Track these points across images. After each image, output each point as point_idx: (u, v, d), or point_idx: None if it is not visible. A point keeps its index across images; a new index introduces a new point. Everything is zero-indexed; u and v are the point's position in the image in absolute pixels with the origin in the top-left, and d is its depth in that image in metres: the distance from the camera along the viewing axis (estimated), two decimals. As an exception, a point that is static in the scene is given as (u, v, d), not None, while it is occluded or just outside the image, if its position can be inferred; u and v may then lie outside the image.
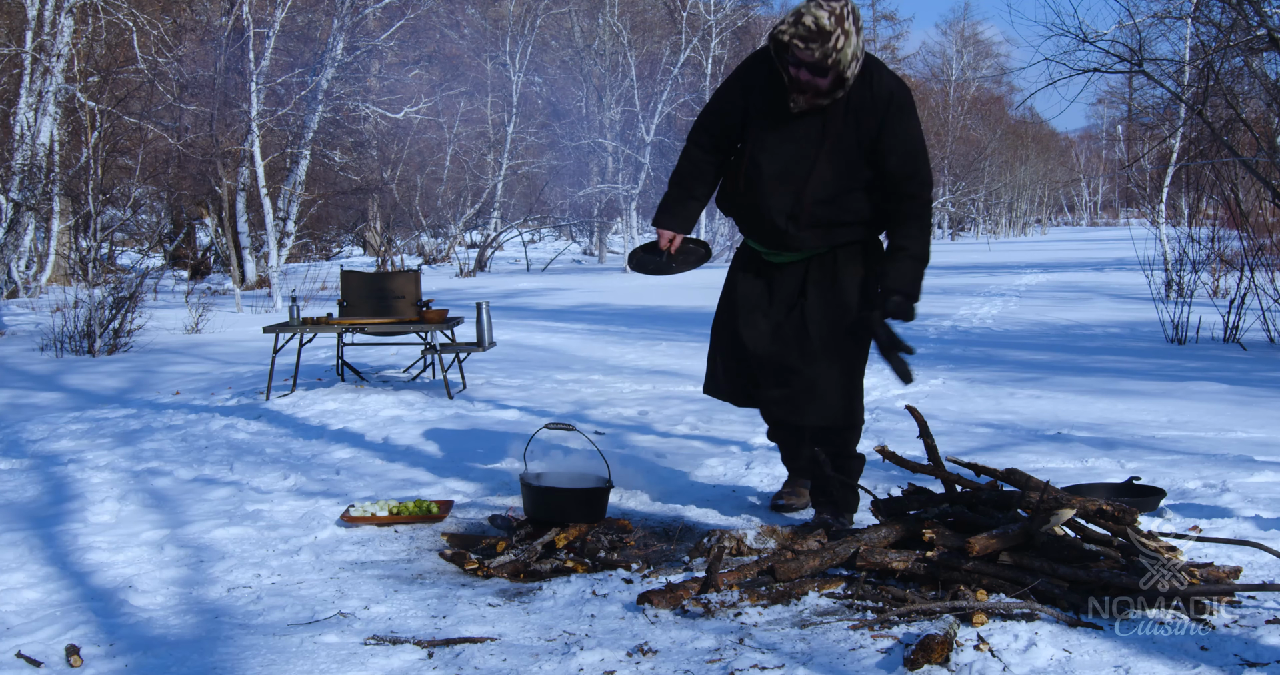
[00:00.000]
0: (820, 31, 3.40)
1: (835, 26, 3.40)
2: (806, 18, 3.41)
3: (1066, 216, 68.19)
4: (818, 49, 3.42)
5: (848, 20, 3.43)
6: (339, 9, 18.62)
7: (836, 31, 3.41)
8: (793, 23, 3.44)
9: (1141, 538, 2.96)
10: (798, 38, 3.43)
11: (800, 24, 3.42)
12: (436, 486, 4.59)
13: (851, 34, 3.44)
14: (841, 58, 3.44)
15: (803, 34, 3.42)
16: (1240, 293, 9.32)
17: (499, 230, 27.32)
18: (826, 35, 3.40)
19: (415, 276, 7.27)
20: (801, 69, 3.49)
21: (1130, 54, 9.89)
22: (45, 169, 16.13)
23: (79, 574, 3.48)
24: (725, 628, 2.89)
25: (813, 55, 3.43)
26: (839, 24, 3.41)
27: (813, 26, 3.40)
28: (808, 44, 3.42)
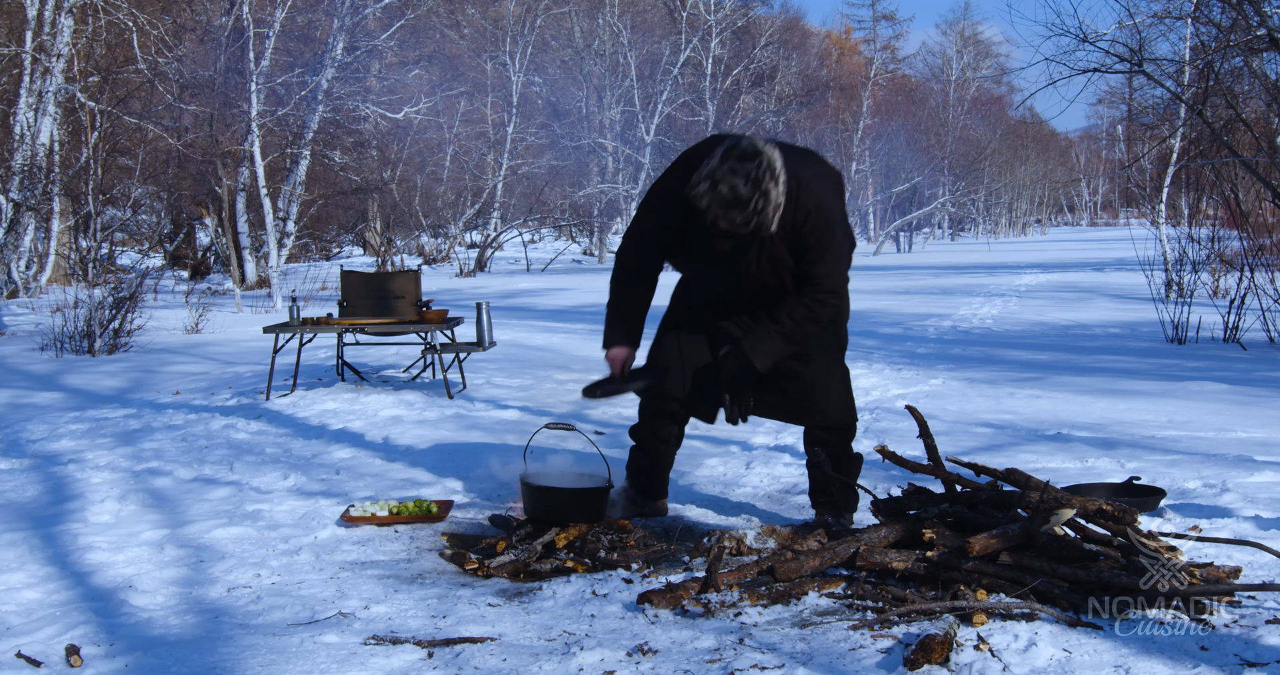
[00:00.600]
0: (738, 201, 3.28)
1: (752, 192, 3.28)
2: (722, 186, 3.28)
3: (1066, 216, 68.16)
4: (738, 216, 3.32)
5: (765, 180, 3.29)
6: (339, 9, 18.61)
7: (754, 197, 3.29)
8: (709, 189, 3.30)
9: (1141, 538, 2.96)
10: (715, 205, 3.31)
11: (717, 192, 3.29)
12: (436, 486, 4.59)
13: (770, 191, 3.31)
14: (762, 220, 3.35)
15: (720, 202, 3.30)
16: (1240, 293, 9.32)
17: (499, 230, 27.32)
18: (745, 203, 3.29)
19: (415, 276, 7.27)
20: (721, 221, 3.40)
21: (1130, 54, 9.89)
22: (45, 169, 16.13)
23: (79, 574, 3.48)
24: (725, 628, 2.89)
25: (732, 221, 3.35)
26: (756, 188, 3.28)
27: (729, 196, 3.28)
28: (727, 212, 3.32)
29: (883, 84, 43.91)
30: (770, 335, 3.66)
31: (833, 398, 3.85)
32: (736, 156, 3.30)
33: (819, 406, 3.84)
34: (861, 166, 33.91)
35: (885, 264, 25.82)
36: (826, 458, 3.88)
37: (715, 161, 3.33)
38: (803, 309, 3.64)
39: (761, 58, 28.98)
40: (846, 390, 3.92)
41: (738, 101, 28.88)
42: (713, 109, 26.14)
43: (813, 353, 3.80)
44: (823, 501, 3.94)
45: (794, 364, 3.78)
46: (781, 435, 5.51)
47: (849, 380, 3.95)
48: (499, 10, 29.08)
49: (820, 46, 50.37)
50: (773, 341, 3.67)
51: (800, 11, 78.29)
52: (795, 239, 3.53)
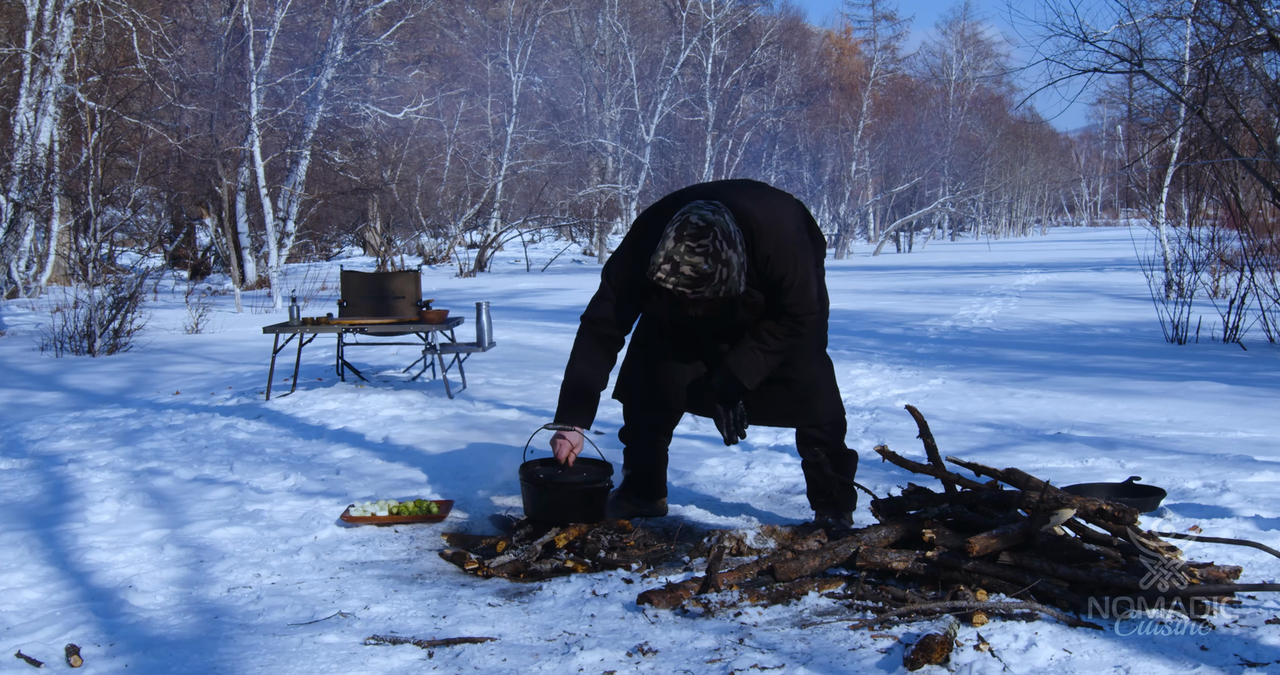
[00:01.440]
0: (701, 277, 3.31)
1: (714, 265, 3.31)
2: (684, 267, 3.30)
3: (1066, 216, 68.17)
4: (705, 290, 3.35)
5: (724, 250, 3.32)
6: (339, 9, 18.62)
7: (717, 269, 3.32)
8: (670, 271, 3.31)
9: (1141, 538, 2.96)
10: (682, 286, 3.33)
11: (680, 273, 3.31)
12: (436, 486, 4.59)
13: (731, 259, 3.34)
14: (730, 287, 3.38)
15: (685, 283, 3.32)
16: (1240, 293, 9.32)
17: (499, 230, 27.32)
18: (709, 277, 3.32)
19: (415, 276, 7.27)
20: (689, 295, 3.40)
21: (1130, 54, 9.89)
22: (45, 169, 16.13)
23: (79, 574, 3.48)
24: (725, 628, 2.89)
25: (703, 295, 3.37)
26: (715, 261, 3.31)
27: (692, 274, 3.31)
28: (694, 289, 3.34)
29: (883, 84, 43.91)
30: (754, 353, 3.68)
31: (822, 398, 3.89)
32: (690, 235, 3.31)
33: (810, 407, 3.87)
34: (861, 166, 33.91)
35: (885, 264, 25.82)
36: (825, 457, 3.89)
37: (670, 243, 3.32)
38: (783, 328, 3.67)
39: (761, 58, 28.99)
40: (833, 388, 3.95)
41: (738, 101, 28.88)
42: (713, 109, 26.14)
43: (796, 357, 3.82)
44: (822, 502, 3.95)
45: (780, 369, 3.80)
46: (781, 435, 5.51)
47: (834, 377, 3.98)
48: (499, 10, 29.08)
49: (820, 46, 50.36)
50: (757, 359, 3.69)
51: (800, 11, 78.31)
52: (762, 281, 3.55)
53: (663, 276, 3.34)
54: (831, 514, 3.87)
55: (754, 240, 3.49)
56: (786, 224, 3.60)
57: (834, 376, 3.99)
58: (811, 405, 3.86)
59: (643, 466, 4.12)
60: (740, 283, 3.42)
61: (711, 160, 27.08)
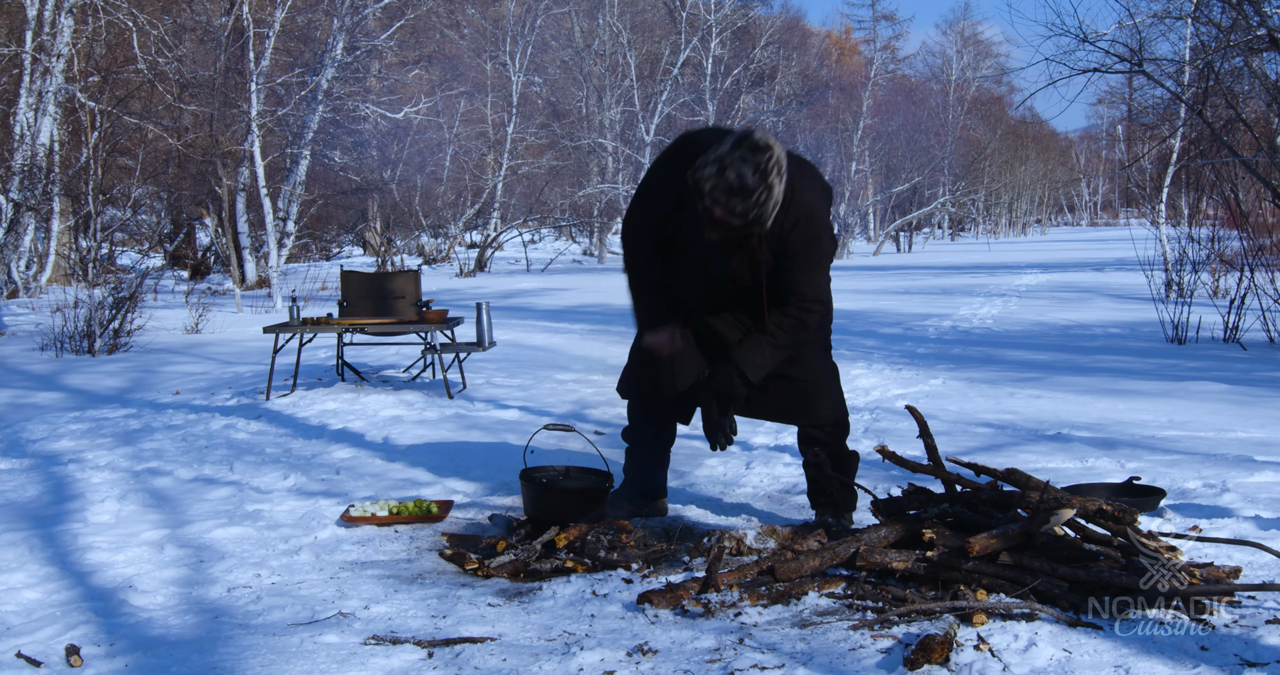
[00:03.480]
0: (744, 189, 3.27)
1: (759, 183, 3.27)
2: (730, 172, 3.26)
3: (1066, 216, 68.17)
4: (739, 204, 3.29)
5: (772, 174, 3.29)
6: (339, 9, 18.62)
7: (760, 188, 3.28)
8: (716, 173, 3.28)
9: (1141, 538, 2.96)
10: (719, 190, 3.29)
11: (724, 177, 3.27)
12: (436, 486, 4.59)
13: (775, 187, 3.31)
14: (761, 213, 3.34)
15: (725, 188, 3.28)
16: (1240, 293, 9.32)
17: (499, 230, 27.32)
18: (749, 192, 3.27)
19: (415, 276, 7.27)
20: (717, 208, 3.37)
21: (1130, 54, 9.89)
22: (45, 169, 16.12)
23: (79, 574, 3.48)
24: (725, 628, 2.89)
25: (733, 209, 3.32)
26: (763, 180, 3.27)
27: (736, 183, 3.26)
28: (729, 198, 3.29)
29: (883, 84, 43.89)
30: (762, 346, 3.66)
31: (825, 397, 3.87)
32: (749, 146, 3.29)
33: (812, 406, 3.85)
34: (861, 166, 33.91)
35: (885, 264, 25.82)
36: (825, 458, 3.89)
37: (725, 148, 3.31)
38: (790, 319, 3.66)
39: (761, 58, 28.99)
40: (837, 389, 3.94)
41: (738, 101, 28.88)
42: (713, 109, 26.15)
43: (802, 354, 3.81)
44: (822, 502, 3.95)
45: (784, 365, 3.79)
46: (781, 435, 5.51)
47: (839, 378, 3.97)
48: (499, 10, 29.08)
49: (820, 46, 50.36)
50: (765, 352, 3.67)
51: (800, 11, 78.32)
52: (780, 244, 3.53)
53: (706, 176, 3.31)
54: (832, 514, 3.87)
55: (792, 198, 3.47)
56: (824, 204, 3.63)
57: (839, 378, 3.98)
58: (814, 404, 3.85)
59: (644, 467, 4.12)
60: (770, 217, 3.38)
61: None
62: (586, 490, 3.84)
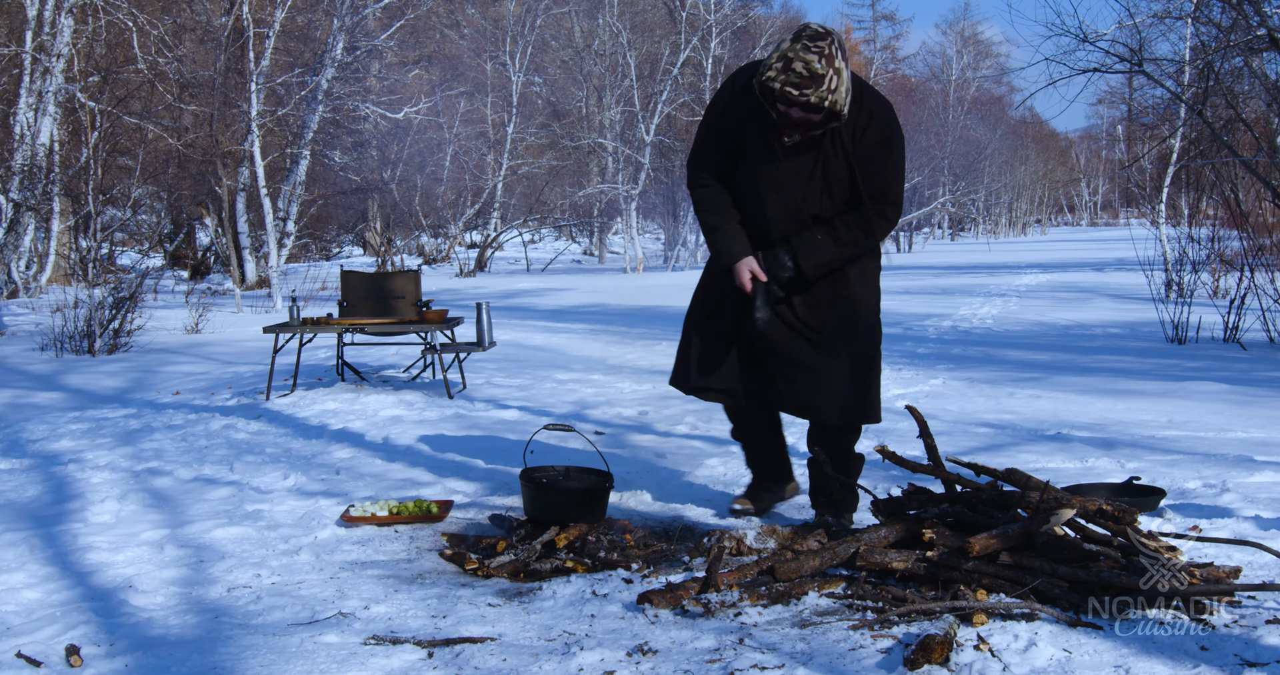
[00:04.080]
0: (813, 76, 3.33)
1: (827, 68, 3.33)
2: (796, 64, 3.32)
3: (1066, 216, 68.15)
4: (812, 93, 3.34)
5: (838, 58, 3.35)
6: (339, 9, 18.62)
7: (829, 73, 3.34)
8: (782, 69, 3.34)
9: (1141, 538, 2.96)
10: (790, 85, 3.34)
11: (791, 70, 3.33)
12: (436, 486, 4.58)
13: (843, 70, 3.37)
14: (836, 98, 3.38)
15: (795, 81, 3.33)
16: (1240, 293, 9.32)
17: (499, 230, 27.31)
18: (820, 79, 3.33)
19: (415, 276, 7.27)
20: (794, 108, 3.43)
21: (1130, 54, 9.88)
22: (45, 169, 16.13)
23: (79, 574, 3.48)
24: (725, 628, 2.89)
25: (808, 99, 3.36)
26: (830, 65, 3.33)
27: (804, 72, 3.32)
28: (801, 90, 3.34)
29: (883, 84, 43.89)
30: (823, 239, 3.66)
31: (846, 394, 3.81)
32: (808, 36, 3.37)
33: (819, 402, 3.81)
34: (861, 166, 33.77)
35: (885, 264, 25.69)
36: (826, 457, 3.88)
37: (786, 45, 3.37)
38: (860, 218, 3.65)
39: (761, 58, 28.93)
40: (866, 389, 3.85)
41: (738, 101, 28.78)
42: (713, 109, 26.09)
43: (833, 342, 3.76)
44: (822, 501, 3.94)
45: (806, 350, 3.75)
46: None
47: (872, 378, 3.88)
48: (499, 10, 29.08)
49: (820, 46, 50.21)
50: (825, 245, 3.65)
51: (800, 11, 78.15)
52: (857, 145, 3.55)
53: (772, 75, 3.36)
54: (831, 514, 3.87)
55: (863, 96, 3.53)
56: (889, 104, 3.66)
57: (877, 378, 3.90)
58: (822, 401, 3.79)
59: (763, 456, 4.13)
60: (845, 103, 3.42)
61: (711, 160, 27.00)
62: (586, 490, 3.84)
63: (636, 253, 24.22)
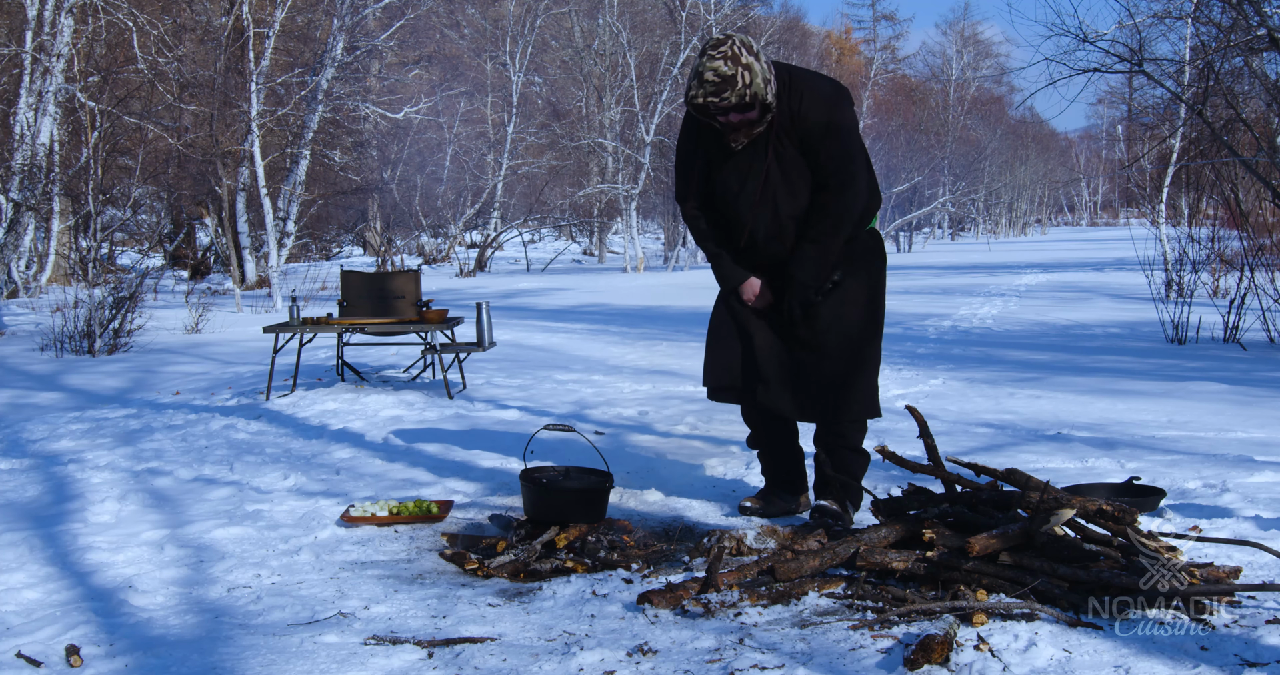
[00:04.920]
0: (724, 79, 3.48)
1: (734, 67, 3.48)
2: (706, 74, 3.49)
3: (1066, 216, 68.17)
4: (731, 94, 3.50)
5: (743, 54, 3.50)
6: (339, 9, 18.62)
7: (737, 71, 3.49)
8: (698, 84, 3.51)
9: (1141, 538, 2.96)
10: (709, 95, 3.51)
11: (705, 82, 3.49)
12: (436, 486, 4.58)
13: (753, 64, 3.51)
14: (755, 90, 3.52)
15: (711, 90, 3.50)
16: (1240, 293, 9.32)
17: (499, 230, 27.31)
18: (731, 80, 3.49)
19: (415, 276, 7.27)
20: (729, 114, 3.58)
21: (1130, 54, 9.88)
22: (45, 169, 16.13)
23: (79, 574, 3.48)
24: (725, 628, 2.89)
25: (730, 102, 3.51)
26: (736, 63, 3.49)
27: (715, 79, 3.48)
28: (720, 96, 3.50)
29: (883, 84, 43.89)
30: (803, 248, 3.76)
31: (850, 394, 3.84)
32: (710, 46, 3.55)
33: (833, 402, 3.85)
34: (861, 166, 33.78)
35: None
36: (825, 456, 3.89)
37: (696, 59, 3.56)
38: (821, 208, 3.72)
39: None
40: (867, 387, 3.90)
41: (738, 101, 28.80)
42: (713, 109, 26.11)
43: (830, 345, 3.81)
44: (828, 493, 3.94)
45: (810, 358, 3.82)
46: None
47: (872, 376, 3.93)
48: (499, 10, 29.08)
49: (820, 46, 50.37)
50: (806, 253, 3.74)
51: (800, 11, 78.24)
52: (799, 126, 3.65)
53: (692, 93, 3.54)
54: (837, 503, 3.87)
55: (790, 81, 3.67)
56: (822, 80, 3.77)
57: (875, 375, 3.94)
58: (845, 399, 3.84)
59: (777, 466, 4.14)
60: (767, 92, 3.55)
61: (711, 160, 27.03)
62: (586, 490, 3.84)
63: (636, 253, 24.22)
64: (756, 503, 4.10)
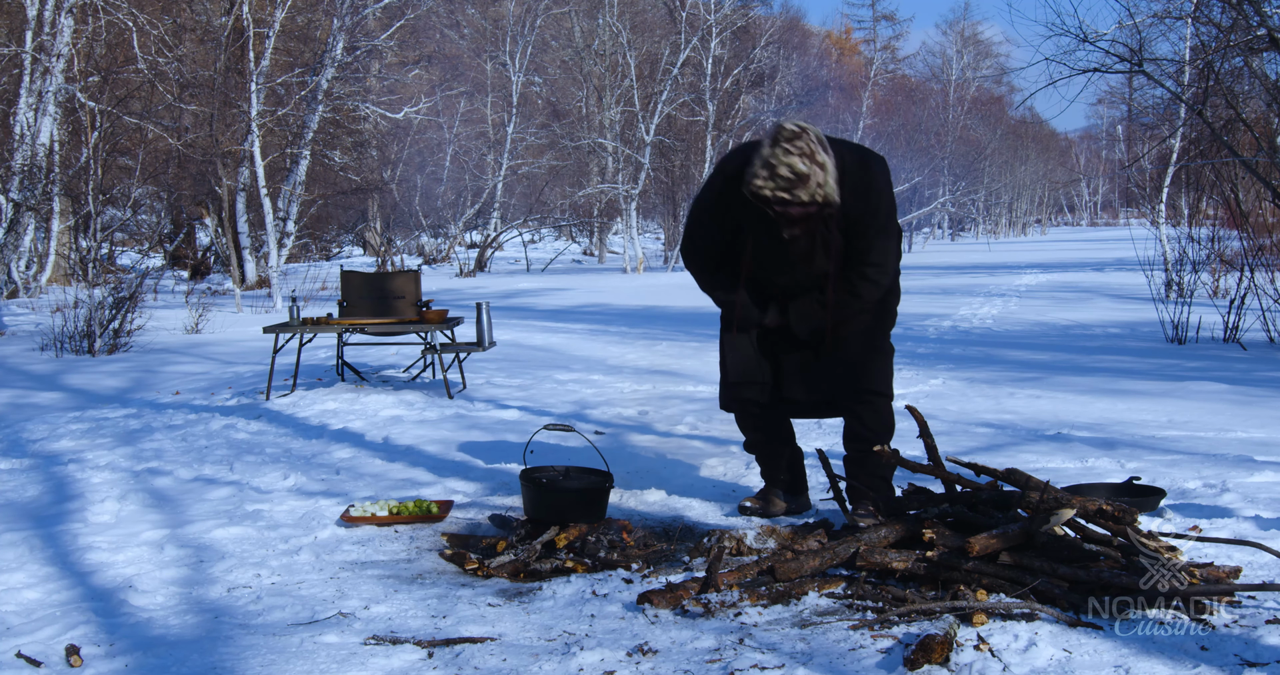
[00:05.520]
0: (799, 177, 3.33)
1: (810, 165, 3.34)
2: (780, 168, 3.33)
3: (1066, 216, 68.17)
4: (803, 192, 3.36)
5: (819, 151, 3.36)
6: (339, 9, 18.62)
7: (813, 169, 3.34)
8: (768, 176, 3.35)
9: (1141, 538, 2.96)
10: (780, 190, 3.35)
11: (778, 176, 3.34)
12: (436, 486, 4.58)
13: (827, 163, 3.38)
14: (827, 191, 3.39)
15: (783, 185, 3.34)
16: (1240, 293, 9.31)
17: (499, 230, 27.32)
18: (806, 178, 3.34)
19: (415, 276, 7.27)
20: (791, 207, 3.43)
21: (1130, 54, 9.88)
22: (45, 169, 16.13)
23: (79, 574, 3.48)
24: (725, 628, 2.89)
25: (801, 199, 3.37)
26: (812, 162, 3.34)
27: (790, 175, 3.33)
28: (792, 192, 3.36)
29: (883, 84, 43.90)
30: (811, 302, 3.73)
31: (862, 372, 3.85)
32: (785, 137, 3.36)
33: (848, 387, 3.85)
34: (861, 166, 33.76)
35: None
36: (825, 456, 3.89)
37: (766, 149, 3.37)
38: (844, 284, 3.69)
39: (761, 58, 28.98)
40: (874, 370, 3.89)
41: (738, 101, 28.88)
42: (713, 109, 26.15)
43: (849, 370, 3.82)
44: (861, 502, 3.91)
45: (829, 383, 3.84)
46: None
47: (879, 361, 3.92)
48: (499, 10, 29.08)
49: (820, 46, 50.39)
50: (812, 307, 3.72)
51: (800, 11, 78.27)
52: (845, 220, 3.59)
53: (760, 183, 3.37)
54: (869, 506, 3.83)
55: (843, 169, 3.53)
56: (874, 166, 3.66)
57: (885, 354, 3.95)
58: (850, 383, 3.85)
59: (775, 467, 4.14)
60: (835, 190, 3.42)
61: (711, 160, 27.08)
62: (586, 490, 3.84)
63: (636, 253, 24.22)
64: (756, 503, 4.09)
